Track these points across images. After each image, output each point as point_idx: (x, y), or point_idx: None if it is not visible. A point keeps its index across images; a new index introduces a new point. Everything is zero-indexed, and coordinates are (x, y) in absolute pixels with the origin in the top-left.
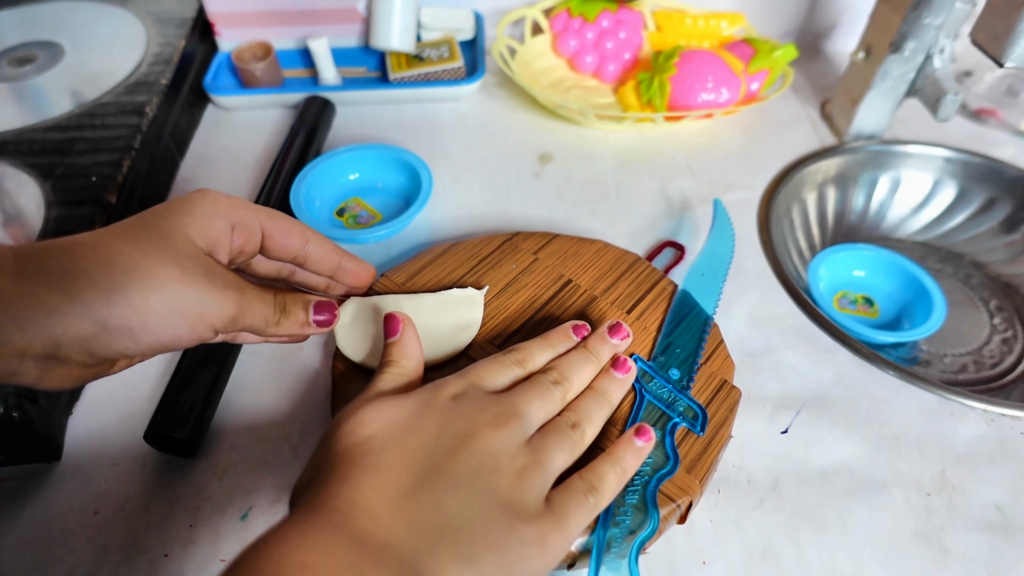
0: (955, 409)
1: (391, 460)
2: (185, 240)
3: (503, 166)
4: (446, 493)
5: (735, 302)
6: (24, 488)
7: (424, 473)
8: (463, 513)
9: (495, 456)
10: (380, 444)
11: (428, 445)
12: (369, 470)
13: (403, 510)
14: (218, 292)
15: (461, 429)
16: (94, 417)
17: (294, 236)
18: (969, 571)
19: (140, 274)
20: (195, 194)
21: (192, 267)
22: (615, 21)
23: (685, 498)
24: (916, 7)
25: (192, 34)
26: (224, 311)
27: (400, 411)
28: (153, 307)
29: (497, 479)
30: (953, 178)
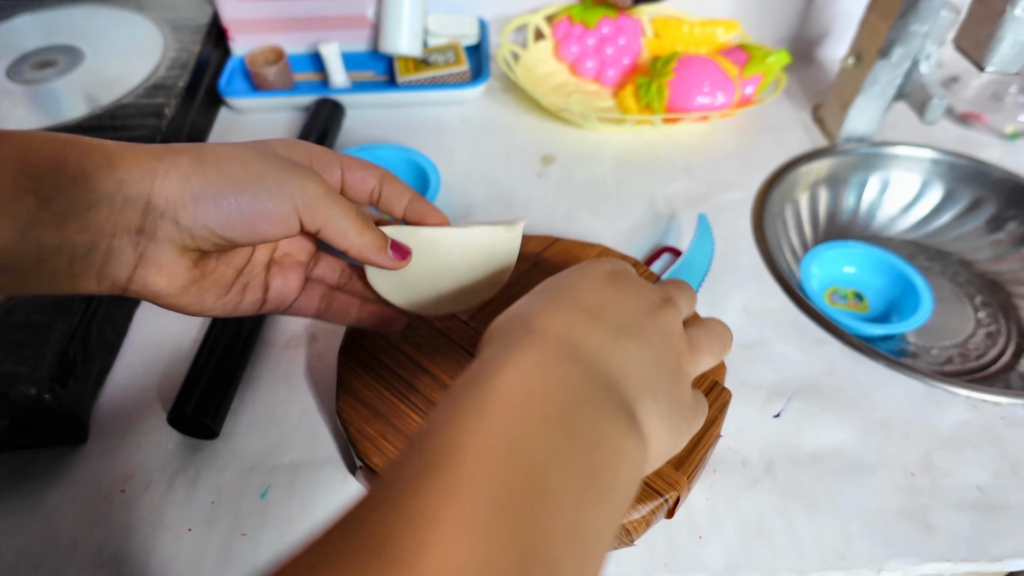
0: (940, 396)
1: (595, 303)
2: (274, 152)
3: (507, 167)
4: (643, 349)
5: (730, 296)
6: (53, 470)
7: (626, 327)
8: (655, 374)
9: (669, 332)
10: (582, 288)
11: (627, 304)
12: (585, 313)
13: (615, 355)
14: (306, 176)
15: (637, 300)
16: (118, 401)
17: (370, 177)
18: (952, 547)
19: (237, 157)
20: (282, 138)
21: (283, 162)
22: (615, 28)
23: (672, 493)
24: (903, 15)
25: (207, 39)
26: (310, 193)
27: (585, 273)
28: (247, 180)
29: (672, 352)
30: (940, 179)
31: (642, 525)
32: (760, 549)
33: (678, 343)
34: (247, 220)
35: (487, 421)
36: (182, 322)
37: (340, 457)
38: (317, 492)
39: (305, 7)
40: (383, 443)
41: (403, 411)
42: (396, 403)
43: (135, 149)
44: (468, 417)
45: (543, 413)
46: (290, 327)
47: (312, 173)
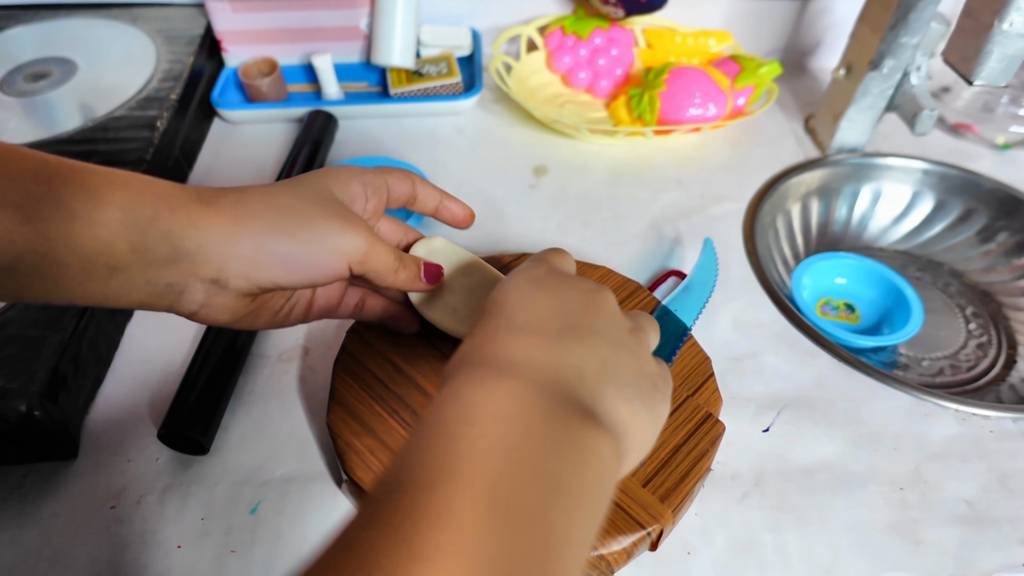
0: (929, 409)
1: (533, 315)
2: (329, 193)
3: (500, 178)
4: (593, 342)
5: (721, 309)
6: (44, 485)
7: (568, 327)
8: (612, 361)
9: (611, 313)
10: (519, 304)
11: (563, 303)
12: (521, 330)
13: (562, 360)
14: (354, 230)
15: (576, 296)
16: (110, 417)
17: (405, 183)
18: (940, 561)
19: (296, 213)
20: (334, 167)
21: (335, 211)
22: (607, 39)
23: (656, 526)
24: (893, 27)
25: (200, 51)
26: (358, 247)
27: (524, 282)
28: (304, 239)
29: (620, 332)
30: (932, 190)
31: (623, 557)
32: (749, 564)
33: (623, 322)
34: (305, 273)
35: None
36: (174, 337)
37: (328, 471)
38: (307, 507)
39: (299, 18)
40: (370, 458)
41: (392, 426)
42: (386, 418)
43: (217, 209)
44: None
45: (495, 437)
46: (282, 341)
47: (359, 224)
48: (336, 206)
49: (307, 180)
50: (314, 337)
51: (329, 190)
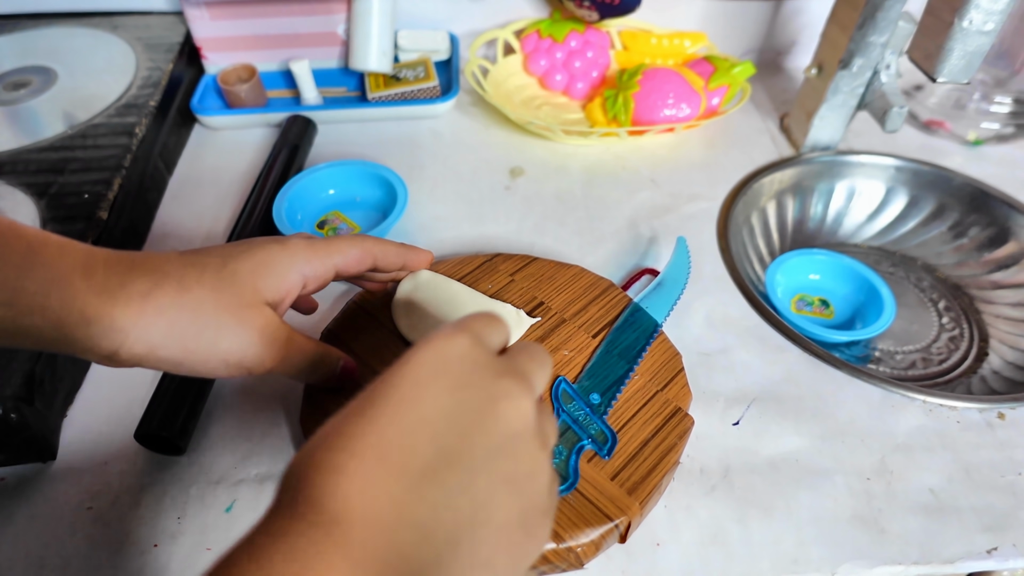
0: (896, 401)
1: (395, 447)
2: (254, 292)
3: (476, 180)
4: (461, 489)
5: (693, 305)
6: (21, 487)
7: (434, 462)
8: (482, 512)
9: (515, 436)
10: (378, 422)
11: (436, 422)
12: (370, 460)
13: (410, 512)
14: (264, 346)
15: (476, 401)
16: (87, 419)
17: (364, 263)
18: (903, 550)
19: (203, 321)
20: (276, 249)
21: (249, 321)
22: (583, 41)
23: (623, 518)
24: (862, 26)
25: (180, 58)
26: (262, 363)
27: (407, 385)
28: (201, 355)
29: (518, 461)
30: (905, 186)
31: (591, 549)
32: (716, 556)
33: (525, 445)
34: (197, 372)
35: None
36: None
37: None
38: None
39: (277, 25)
40: None
41: None
42: None
43: (123, 302)
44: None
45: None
46: None
47: (268, 341)
48: (252, 316)
49: (236, 276)
50: None
51: (256, 291)
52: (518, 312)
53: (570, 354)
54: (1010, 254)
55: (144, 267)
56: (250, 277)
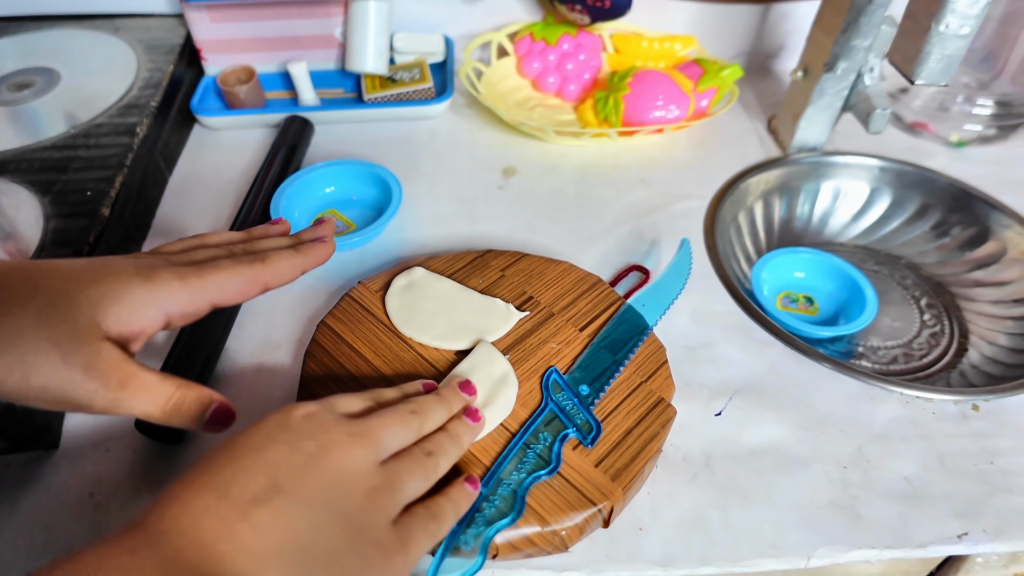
0: (875, 394)
1: (238, 474)
2: (91, 327)
3: (470, 179)
4: (289, 511)
5: (679, 301)
6: (24, 474)
7: (266, 492)
8: (308, 535)
9: (346, 475)
10: (218, 464)
11: (273, 463)
12: (202, 489)
13: (233, 530)
14: (93, 384)
15: (311, 447)
16: None
17: (250, 292)
18: (878, 535)
19: (18, 347)
20: (136, 282)
21: (76, 355)
22: (575, 44)
23: (606, 503)
24: (846, 30)
25: (180, 60)
26: (90, 404)
27: (251, 435)
28: (13, 378)
29: (347, 499)
30: (889, 186)
31: (576, 532)
32: (697, 540)
33: (357, 486)
34: (17, 399)
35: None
36: None
37: None
38: None
39: (275, 28)
40: None
41: None
42: None
43: None
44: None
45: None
46: (256, 336)
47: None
48: (81, 351)
49: (71, 306)
50: (286, 333)
51: (93, 324)
52: (507, 306)
53: (558, 347)
54: (990, 253)
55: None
56: (90, 309)
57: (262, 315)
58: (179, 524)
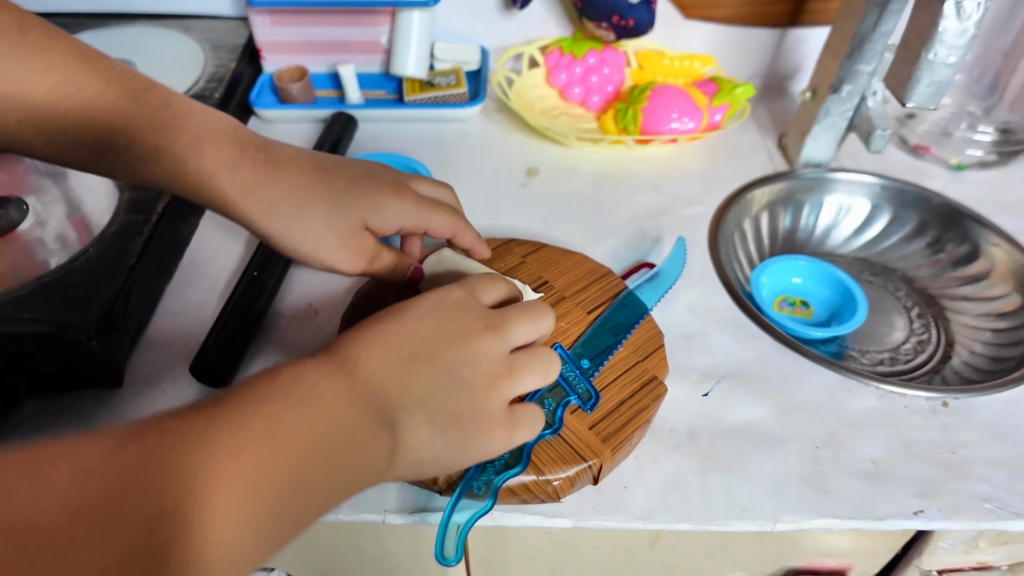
0: (853, 386)
1: (401, 336)
2: (360, 222)
3: (496, 177)
4: (434, 371)
5: (680, 295)
6: (92, 408)
7: (422, 352)
8: (441, 393)
9: (477, 357)
10: (386, 324)
11: (425, 334)
12: (380, 337)
13: (396, 375)
14: (356, 259)
15: (455, 329)
16: (150, 353)
17: (446, 235)
18: (841, 507)
19: (312, 230)
20: (393, 198)
21: (347, 244)
22: (600, 59)
23: (596, 460)
24: (850, 56)
25: (242, 58)
26: (352, 270)
27: (414, 307)
28: (306, 249)
29: (475, 375)
30: (889, 204)
31: (567, 484)
32: (676, 500)
33: (485, 368)
34: (296, 254)
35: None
36: (204, 294)
37: None
38: None
39: (327, 32)
40: None
41: None
42: None
43: (248, 201)
44: (247, 410)
45: (296, 405)
46: (298, 301)
47: (355, 261)
48: (352, 240)
49: (349, 206)
50: (325, 299)
51: (362, 221)
52: (525, 287)
53: (566, 326)
54: (980, 271)
55: (279, 177)
56: (360, 211)
57: (304, 284)
58: (360, 359)
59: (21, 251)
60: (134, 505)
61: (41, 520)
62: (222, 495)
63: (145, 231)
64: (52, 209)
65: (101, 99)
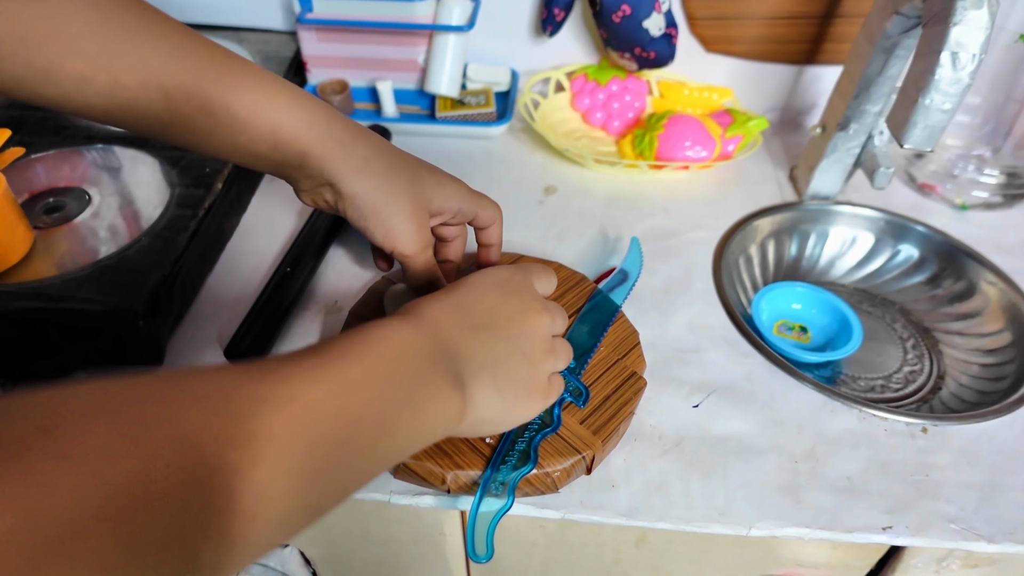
0: (836, 407)
1: (470, 305)
2: (428, 200)
3: (515, 192)
4: (497, 340)
5: (679, 311)
6: None
7: (488, 322)
8: (504, 358)
9: (534, 333)
10: (458, 294)
11: (496, 306)
12: (454, 304)
13: (467, 337)
14: (415, 236)
15: (516, 305)
16: (188, 337)
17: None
18: (814, 517)
19: (394, 194)
20: (452, 182)
21: (417, 216)
22: (623, 87)
23: (589, 451)
24: (857, 96)
25: (289, 69)
26: (409, 246)
27: (480, 280)
28: (384, 214)
29: (532, 348)
30: (892, 238)
31: (564, 475)
32: (658, 501)
33: (539, 343)
34: (369, 233)
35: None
36: (240, 286)
37: None
38: None
39: (368, 50)
40: None
41: None
42: None
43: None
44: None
45: (389, 359)
46: (324, 297)
47: (421, 239)
48: (420, 214)
49: (422, 183)
50: (349, 296)
51: (429, 200)
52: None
53: None
54: (975, 307)
55: (368, 139)
56: (428, 189)
57: (331, 281)
58: (439, 322)
59: (81, 238)
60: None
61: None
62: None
63: (192, 225)
64: (110, 201)
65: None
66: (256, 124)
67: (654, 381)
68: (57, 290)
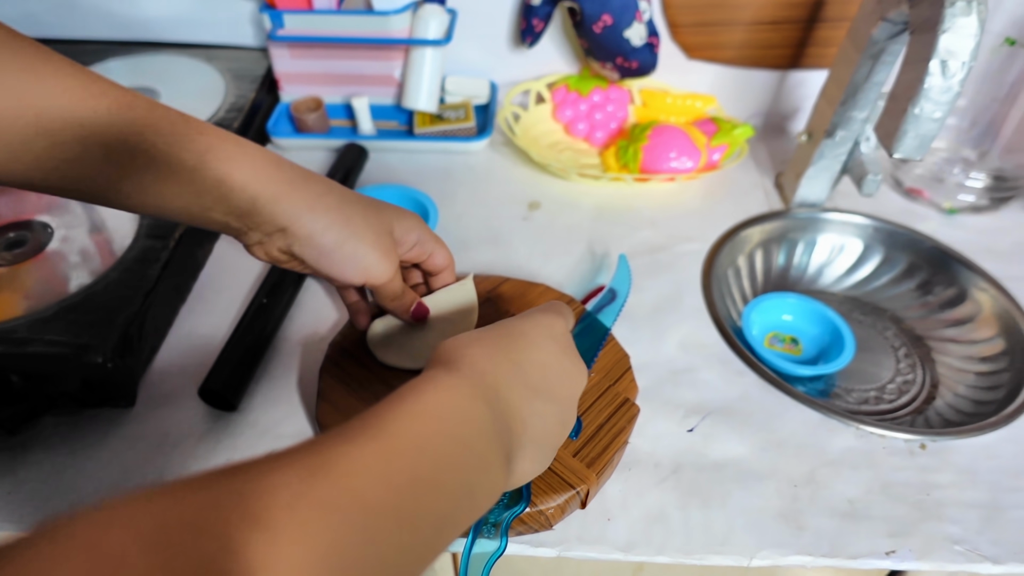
0: (833, 426)
1: (525, 363)
2: (390, 227)
3: (499, 209)
4: (547, 406)
5: (671, 330)
6: (106, 427)
7: (543, 385)
8: (551, 429)
9: (576, 397)
10: (522, 345)
11: (549, 364)
12: (507, 356)
13: (524, 404)
14: (386, 263)
15: (568, 368)
16: (161, 376)
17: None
18: (816, 544)
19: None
20: (410, 214)
21: (381, 243)
22: (605, 97)
23: (583, 486)
24: (844, 103)
25: (261, 88)
26: (383, 274)
27: (537, 328)
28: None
29: (572, 415)
30: (881, 245)
31: (558, 512)
32: (657, 532)
33: (575, 407)
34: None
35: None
36: (215, 318)
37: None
38: None
39: (343, 66)
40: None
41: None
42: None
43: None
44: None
45: (445, 431)
46: (303, 328)
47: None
48: (385, 240)
49: (381, 212)
50: (327, 327)
51: (391, 226)
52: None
53: None
54: (966, 314)
55: (318, 177)
56: (388, 217)
57: (311, 312)
58: (495, 381)
59: (46, 273)
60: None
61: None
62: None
63: (163, 256)
64: (75, 233)
65: (117, 104)
66: (203, 175)
67: (648, 405)
68: (24, 331)
